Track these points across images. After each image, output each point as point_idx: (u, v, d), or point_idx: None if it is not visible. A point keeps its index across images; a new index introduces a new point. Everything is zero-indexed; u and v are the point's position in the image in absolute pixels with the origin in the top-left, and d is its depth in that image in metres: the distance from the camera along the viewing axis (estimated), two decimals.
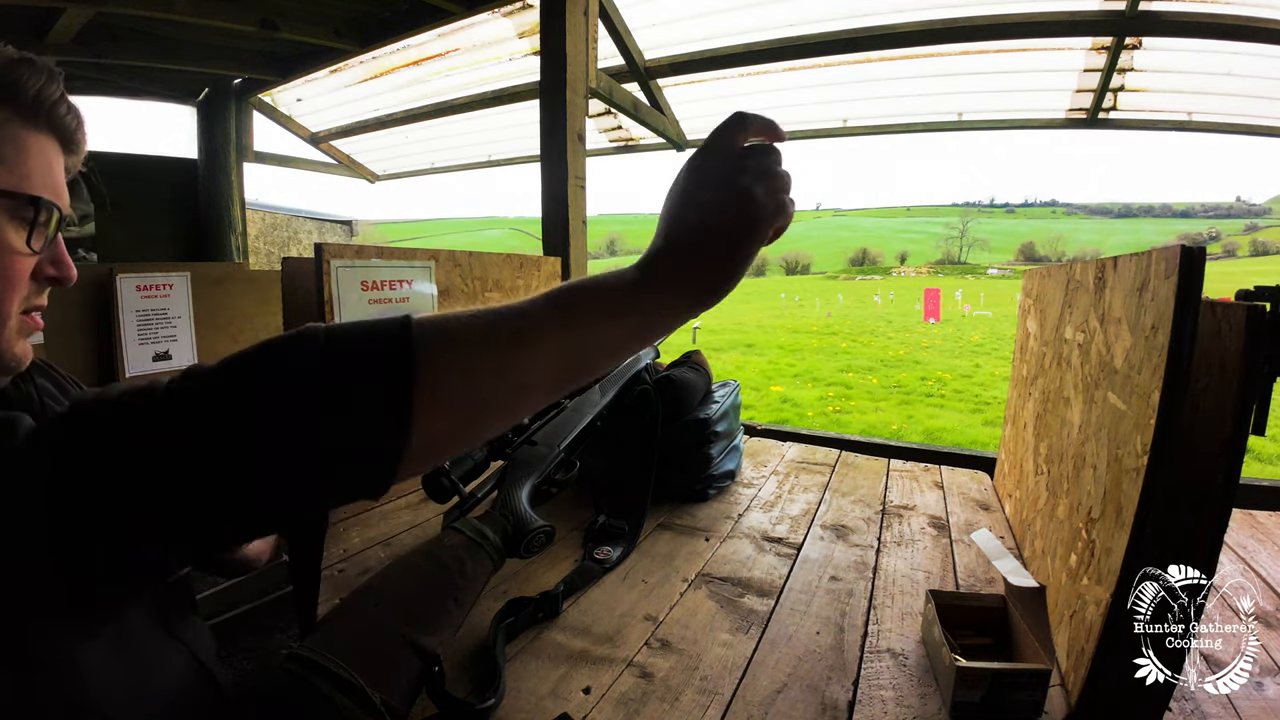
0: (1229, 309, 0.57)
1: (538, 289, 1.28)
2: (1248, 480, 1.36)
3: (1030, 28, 2.17)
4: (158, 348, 2.30)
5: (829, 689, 0.71)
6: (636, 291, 0.40)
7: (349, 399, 0.34)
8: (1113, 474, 0.67)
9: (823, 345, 11.16)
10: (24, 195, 0.48)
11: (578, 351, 0.40)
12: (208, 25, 2.56)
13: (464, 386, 0.36)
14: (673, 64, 2.77)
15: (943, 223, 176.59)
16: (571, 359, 0.40)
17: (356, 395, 0.34)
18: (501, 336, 0.38)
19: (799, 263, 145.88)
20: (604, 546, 1.01)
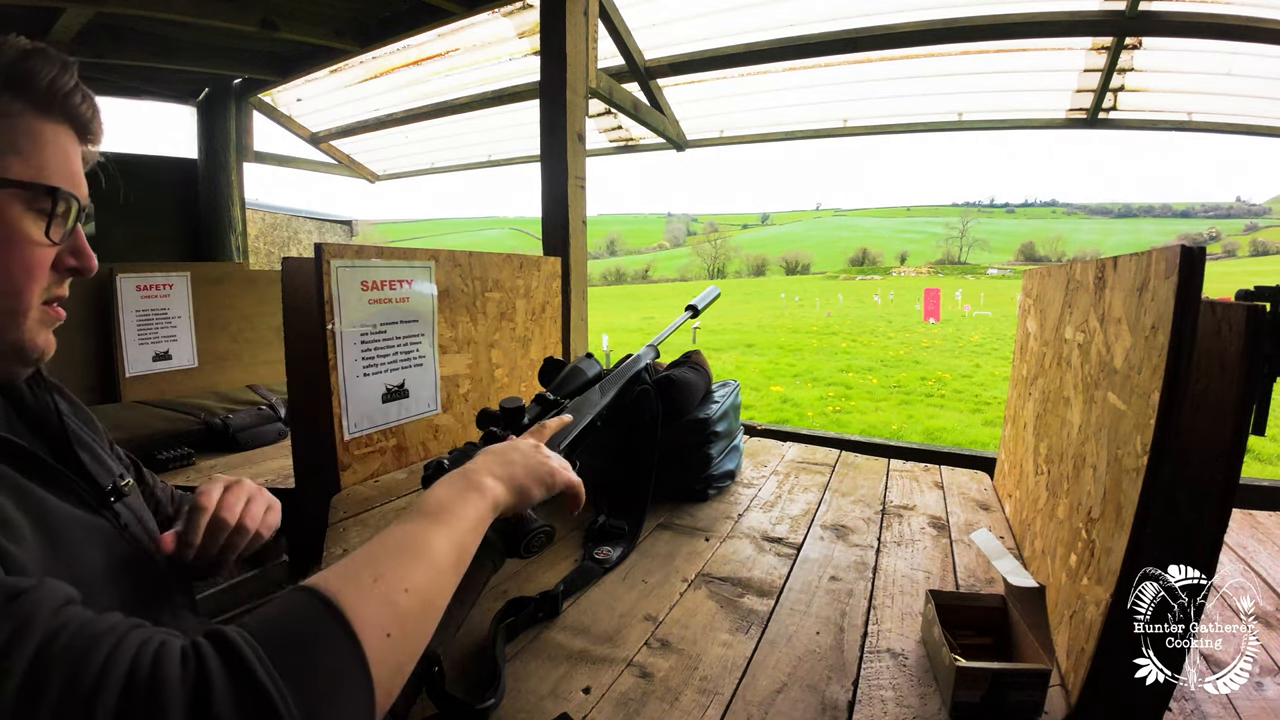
0: (1229, 309, 0.57)
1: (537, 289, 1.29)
2: (1248, 480, 1.36)
3: (1030, 28, 2.17)
4: (158, 348, 2.30)
5: (829, 689, 0.71)
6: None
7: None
8: (1113, 474, 0.67)
9: (823, 345, 11.16)
10: (41, 185, 0.48)
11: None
12: (208, 25, 2.56)
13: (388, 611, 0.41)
14: (673, 64, 2.77)
15: (943, 223, 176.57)
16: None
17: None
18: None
19: (799, 263, 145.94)
20: (604, 546, 1.01)
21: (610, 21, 2.44)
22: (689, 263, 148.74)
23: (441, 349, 1.48)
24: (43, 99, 0.49)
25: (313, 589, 0.39)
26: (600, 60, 2.22)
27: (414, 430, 1.44)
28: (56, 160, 0.50)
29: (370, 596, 0.40)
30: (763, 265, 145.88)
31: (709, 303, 1.44)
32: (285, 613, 0.38)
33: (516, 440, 0.70)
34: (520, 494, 0.63)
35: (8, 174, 0.47)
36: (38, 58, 0.48)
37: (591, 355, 1.15)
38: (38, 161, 0.48)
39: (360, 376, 1.28)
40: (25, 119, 0.48)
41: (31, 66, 0.48)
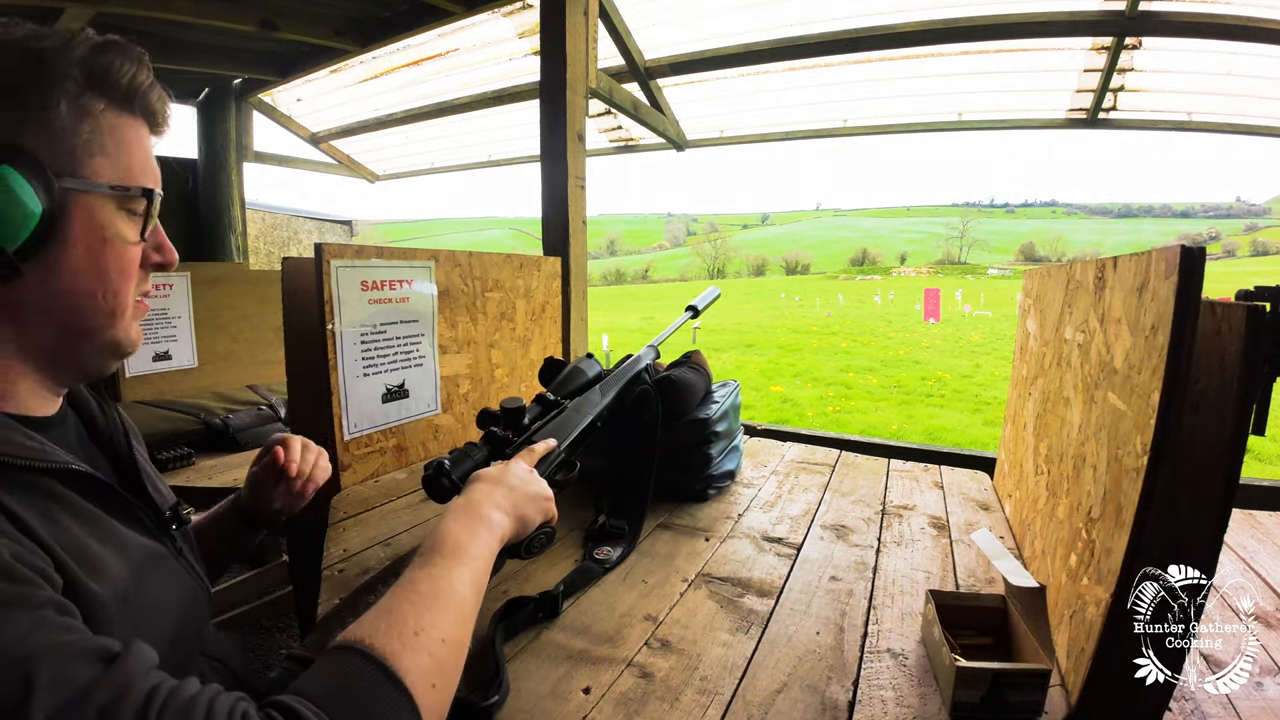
0: (1229, 309, 0.57)
1: (537, 289, 1.29)
2: (1248, 480, 1.36)
3: (1030, 28, 2.17)
4: (158, 348, 2.30)
5: (829, 689, 0.71)
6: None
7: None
8: (1113, 474, 0.67)
9: (823, 345, 11.16)
10: (137, 188, 0.49)
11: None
12: (207, 25, 2.56)
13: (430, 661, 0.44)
14: (673, 64, 2.76)
15: (943, 223, 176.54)
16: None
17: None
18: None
19: (799, 263, 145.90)
20: (604, 546, 1.01)
21: (610, 21, 2.44)
22: (689, 263, 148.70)
23: (441, 349, 1.48)
24: (123, 96, 0.48)
25: (364, 652, 0.41)
26: (600, 60, 2.22)
27: (414, 430, 1.44)
28: (139, 158, 0.50)
29: (415, 651, 0.43)
30: (763, 265, 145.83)
31: (709, 303, 1.44)
32: (345, 681, 0.40)
33: (512, 465, 0.71)
34: (522, 523, 0.66)
35: (99, 176, 0.46)
36: (114, 52, 0.48)
37: (592, 356, 1.15)
38: (124, 161, 0.48)
39: (360, 376, 1.28)
40: (107, 117, 0.47)
41: (110, 62, 0.47)
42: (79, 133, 0.45)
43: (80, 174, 0.45)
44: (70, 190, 0.45)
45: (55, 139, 0.44)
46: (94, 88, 0.46)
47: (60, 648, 0.33)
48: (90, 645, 0.35)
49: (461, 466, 0.76)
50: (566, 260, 2.01)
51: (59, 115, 0.44)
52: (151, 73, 0.50)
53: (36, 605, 0.34)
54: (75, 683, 0.32)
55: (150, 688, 0.34)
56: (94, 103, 0.46)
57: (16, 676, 0.31)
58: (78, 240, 0.45)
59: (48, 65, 0.44)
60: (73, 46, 0.45)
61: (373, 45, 2.91)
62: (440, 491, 0.74)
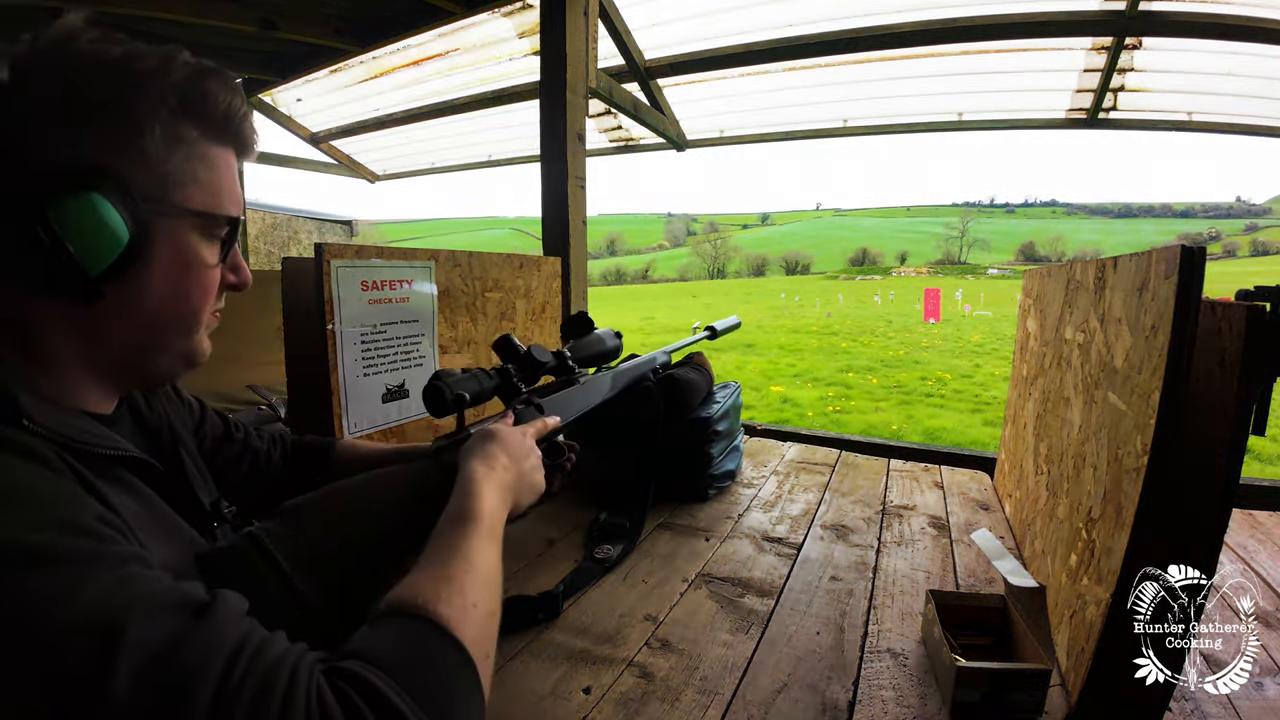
0: (1229, 309, 0.57)
1: (537, 289, 1.28)
2: (1248, 480, 1.36)
3: (1030, 28, 2.17)
4: None
5: (829, 689, 0.71)
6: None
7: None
8: (1113, 474, 0.67)
9: (823, 345, 11.16)
10: (222, 216, 0.49)
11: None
12: (207, 25, 2.56)
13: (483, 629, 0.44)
14: (673, 64, 2.76)
15: (943, 223, 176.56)
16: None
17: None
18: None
19: (799, 263, 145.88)
20: (604, 545, 1.01)
21: (610, 21, 2.44)
22: (689, 262, 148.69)
23: (441, 349, 1.48)
24: (217, 125, 0.48)
25: (431, 619, 0.41)
26: (600, 60, 2.22)
27: (414, 430, 1.44)
28: (228, 184, 0.50)
29: (475, 624, 0.43)
30: (763, 265, 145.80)
31: (728, 328, 1.42)
32: (417, 651, 0.39)
33: (527, 440, 0.70)
34: (516, 508, 0.66)
35: (189, 204, 0.46)
36: (212, 79, 0.47)
37: (620, 336, 1.11)
38: (214, 188, 0.48)
39: (360, 376, 1.28)
40: (200, 146, 0.47)
41: (206, 89, 0.46)
42: (170, 160, 0.45)
43: (168, 201, 0.45)
44: (157, 216, 0.44)
45: (146, 165, 0.43)
46: (188, 115, 0.46)
47: (148, 600, 0.33)
48: (177, 597, 0.34)
49: (467, 388, 0.72)
50: (566, 260, 2.01)
51: (152, 141, 0.43)
52: (245, 100, 0.50)
53: (122, 560, 0.34)
54: (163, 639, 0.32)
55: (237, 644, 0.33)
56: (188, 130, 0.46)
57: (102, 634, 0.31)
58: (160, 264, 0.46)
59: (144, 89, 0.43)
60: (170, 70, 0.44)
61: (372, 45, 2.90)
62: (440, 404, 0.71)
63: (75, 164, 0.41)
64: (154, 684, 0.30)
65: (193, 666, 0.31)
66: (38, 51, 0.41)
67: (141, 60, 0.43)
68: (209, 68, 0.47)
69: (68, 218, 0.40)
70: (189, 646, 0.32)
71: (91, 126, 0.41)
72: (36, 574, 0.31)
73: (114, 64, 0.42)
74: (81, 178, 0.41)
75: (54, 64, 0.41)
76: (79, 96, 0.41)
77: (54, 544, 0.33)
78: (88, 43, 0.42)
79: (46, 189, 0.40)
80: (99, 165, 0.41)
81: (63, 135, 0.41)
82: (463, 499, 0.56)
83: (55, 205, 0.40)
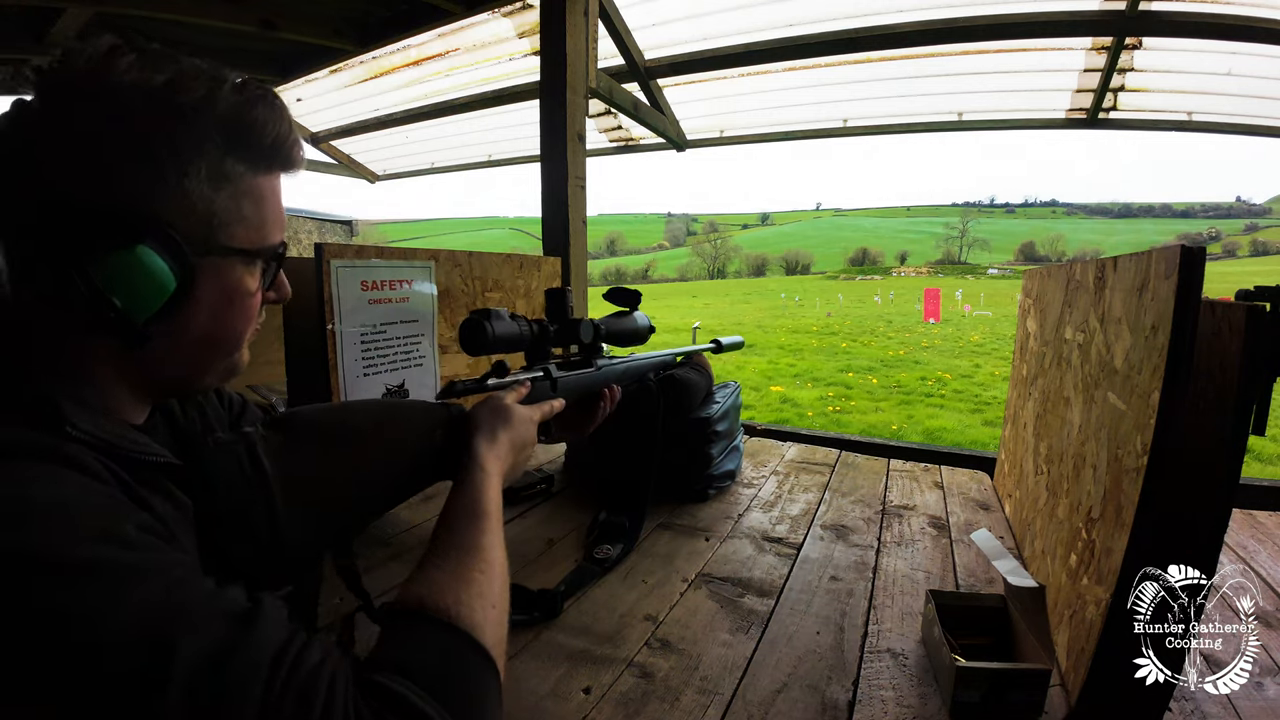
0: (1229, 309, 0.57)
1: (537, 289, 1.27)
2: (1248, 480, 1.36)
3: (1030, 28, 2.17)
4: None
5: (829, 689, 0.71)
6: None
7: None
8: (1113, 474, 0.67)
9: (823, 345, 11.16)
10: (268, 251, 0.48)
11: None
12: (208, 25, 2.56)
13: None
14: (673, 64, 2.76)
15: (943, 223, 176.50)
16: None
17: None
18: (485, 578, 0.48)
19: (799, 263, 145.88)
20: (604, 545, 1.01)
21: (610, 21, 2.44)
22: (689, 262, 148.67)
23: (442, 349, 1.48)
24: (265, 156, 0.46)
25: (455, 627, 0.42)
26: (600, 60, 2.22)
27: None
28: (273, 213, 0.48)
29: (495, 626, 0.44)
30: (763, 265, 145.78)
31: (732, 345, 1.41)
32: (449, 665, 0.40)
33: (531, 429, 0.69)
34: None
35: (235, 243, 0.45)
36: (259, 106, 0.44)
37: (653, 329, 1.10)
38: (259, 222, 0.46)
39: (360, 376, 1.28)
40: (246, 180, 0.44)
41: (253, 122, 0.44)
42: (216, 199, 0.43)
43: (214, 242, 0.43)
44: (202, 258, 0.43)
45: (191, 208, 0.41)
46: (235, 151, 0.43)
47: (196, 610, 0.33)
48: (224, 605, 0.34)
49: (507, 332, 0.72)
50: (566, 260, 2.01)
51: (197, 182, 0.41)
52: (290, 121, 0.47)
53: (168, 569, 0.34)
54: (212, 651, 0.32)
55: (279, 653, 0.34)
56: (234, 166, 0.43)
57: (153, 647, 0.30)
58: (204, 301, 0.44)
59: (189, 126, 0.40)
60: (216, 100, 0.41)
61: (372, 45, 2.90)
62: (479, 343, 0.70)
63: (117, 212, 0.38)
64: (204, 697, 0.30)
65: (241, 679, 0.31)
66: (73, 77, 0.38)
67: (187, 91, 0.40)
68: (255, 93, 0.44)
69: (111, 271, 0.38)
70: (237, 658, 0.32)
71: (134, 167, 0.39)
72: (85, 587, 0.31)
73: (158, 96, 0.39)
74: (126, 229, 0.39)
75: (93, 93, 0.38)
76: (121, 133, 0.38)
77: (102, 557, 0.32)
78: (128, 69, 0.39)
79: (88, 241, 0.38)
80: (142, 213, 0.39)
81: (103, 176, 0.38)
82: (475, 491, 0.56)
83: (98, 260, 0.38)
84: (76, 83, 0.38)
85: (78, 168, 0.38)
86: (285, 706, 0.32)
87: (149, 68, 0.39)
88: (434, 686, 0.37)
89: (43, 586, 0.30)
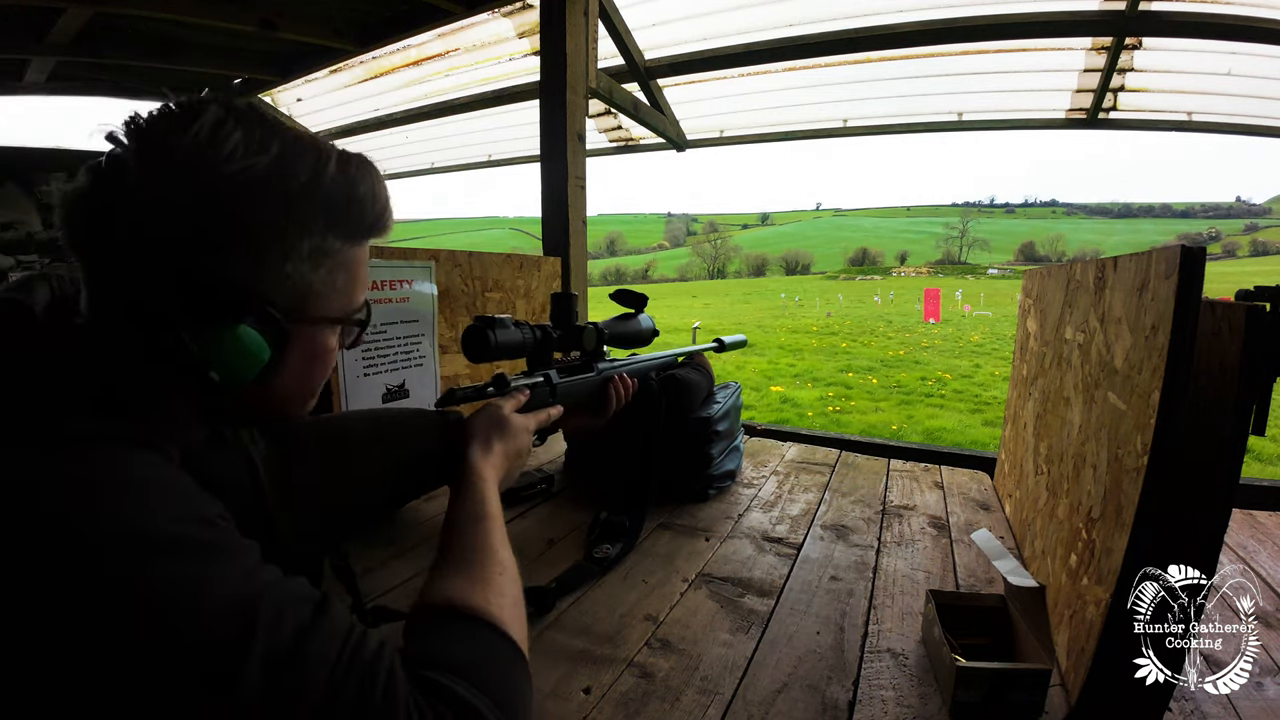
0: (1229, 309, 0.57)
1: (537, 289, 1.27)
2: (1248, 480, 1.36)
3: (1030, 28, 2.17)
4: None
5: (829, 689, 0.71)
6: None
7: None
8: (1113, 474, 0.67)
9: (823, 345, 11.15)
10: (358, 319, 0.49)
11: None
12: (208, 25, 2.56)
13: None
14: (673, 64, 2.76)
15: (943, 223, 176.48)
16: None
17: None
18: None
19: (799, 263, 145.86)
20: (604, 544, 1.01)
21: (610, 21, 2.44)
22: (689, 262, 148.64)
23: (442, 349, 1.48)
24: (363, 231, 0.47)
25: (491, 624, 0.44)
26: (600, 60, 2.22)
27: None
28: (363, 277, 0.49)
29: (519, 621, 0.47)
30: (763, 265, 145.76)
31: (735, 344, 1.42)
32: (492, 657, 0.42)
33: (527, 438, 0.71)
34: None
35: (328, 313, 0.46)
36: (362, 185, 0.45)
37: (657, 332, 1.11)
38: (350, 289, 0.47)
39: (360, 376, 1.28)
40: (343, 254, 0.45)
41: (358, 199, 0.45)
42: (314, 275, 0.44)
43: (307, 313, 0.44)
44: (295, 326, 0.44)
45: (290, 286, 0.42)
46: (335, 230, 0.44)
47: (276, 591, 0.35)
48: (301, 591, 0.37)
49: (510, 341, 0.72)
50: (566, 260, 2.01)
51: (297, 262, 0.42)
52: (387, 190, 0.48)
53: (246, 550, 0.36)
54: (292, 626, 0.34)
55: (345, 637, 0.36)
56: (333, 243, 0.44)
57: (239, 616, 0.32)
58: (292, 363, 0.45)
59: (295, 213, 0.41)
60: (321, 181, 0.42)
61: (372, 45, 2.90)
62: (482, 351, 0.70)
63: (223, 291, 0.39)
64: (283, 672, 0.32)
65: (315, 657, 0.34)
66: (175, 155, 0.38)
67: (292, 175, 0.41)
68: (357, 172, 0.45)
69: (210, 345, 0.39)
70: (313, 638, 0.34)
71: (241, 251, 0.39)
72: (180, 562, 0.33)
73: (263, 182, 0.39)
74: (230, 308, 0.40)
75: (203, 179, 0.38)
76: (229, 222, 0.39)
77: (193, 535, 0.34)
78: (235, 150, 0.38)
79: (190, 316, 0.39)
80: (246, 292, 0.40)
81: (210, 257, 0.39)
82: (477, 497, 0.57)
83: (198, 335, 0.39)
84: (186, 161, 0.38)
85: (177, 245, 0.38)
86: (349, 687, 0.34)
87: (255, 147, 0.39)
88: (480, 681, 0.39)
89: (138, 559, 0.32)
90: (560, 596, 0.88)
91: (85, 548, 0.31)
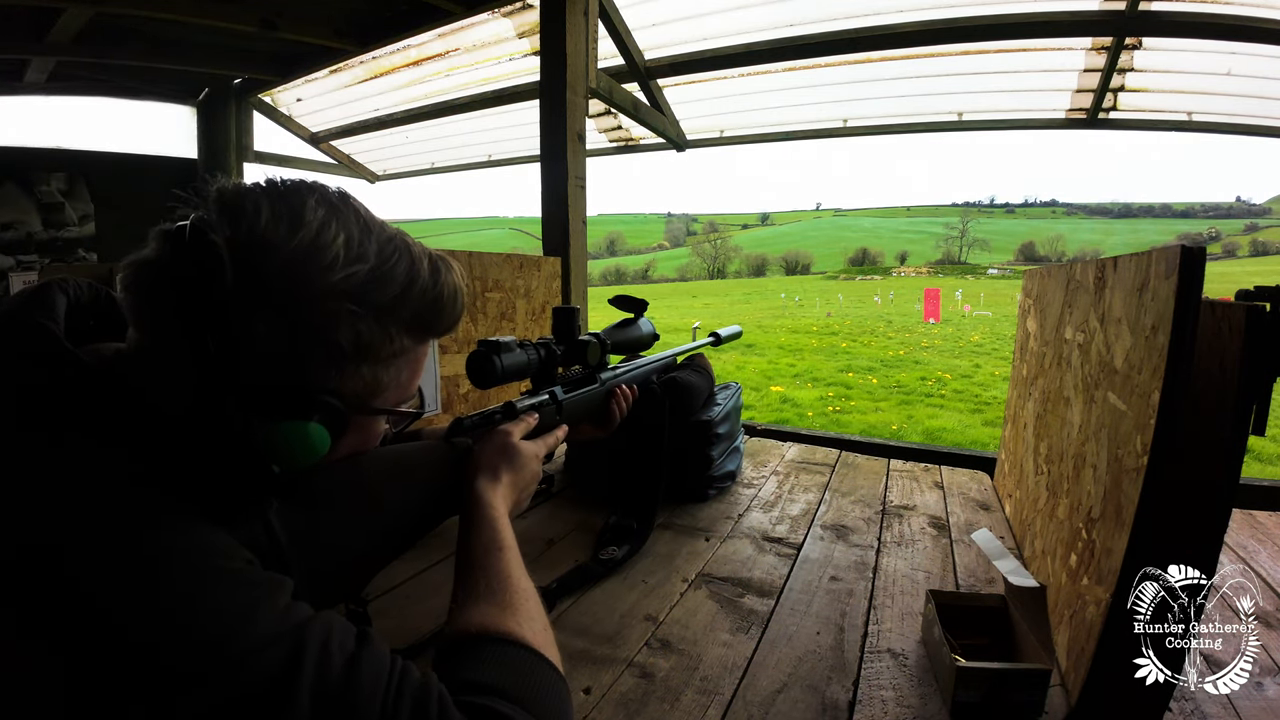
0: (1229, 309, 0.57)
1: (537, 289, 1.27)
2: (1248, 480, 1.36)
3: (1030, 28, 2.17)
4: None
5: (829, 689, 0.71)
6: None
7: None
8: (1113, 474, 0.67)
9: (823, 345, 11.15)
10: (414, 413, 0.50)
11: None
12: (208, 25, 2.56)
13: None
14: (673, 64, 2.77)
15: (943, 223, 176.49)
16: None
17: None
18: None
19: (799, 263, 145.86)
20: (610, 546, 1.01)
21: (610, 21, 2.44)
22: (689, 263, 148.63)
23: (442, 349, 1.48)
24: (434, 335, 0.48)
25: (533, 650, 0.44)
26: (600, 60, 2.22)
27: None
28: (423, 369, 0.50)
29: (552, 644, 0.47)
30: (763, 265, 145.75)
31: (731, 336, 1.41)
32: (539, 682, 0.42)
33: (537, 465, 0.70)
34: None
35: (384, 404, 0.47)
36: (445, 299, 0.46)
37: (657, 336, 1.10)
38: (409, 382, 0.48)
39: None
40: (411, 353, 0.47)
41: (439, 311, 0.46)
42: (385, 374, 0.45)
43: (368, 405, 0.45)
44: (355, 414, 0.44)
45: (360, 383, 0.43)
46: (412, 334, 0.45)
47: (323, 622, 0.35)
48: (344, 623, 0.37)
49: (515, 363, 0.72)
50: (566, 260, 2.01)
51: (374, 364, 0.43)
52: (463, 285, 0.49)
53: (285, 587, 0.36)
54: (340, 660, 0.34)
55: (392, 666, 0.36)
56: (404, 343, 0.45)
57: (286, 647, 0.32)
58: (346, 445, 0.46)
59: (380, 326, 0.42)
60: (410, 298, 0.43)
61: (373, 45, 2.91)
62: (487, 375, 0.70)
63: (298, 390, 0.40)
64: (332, 702, 0.32)
65: (365, 687, 0.34)
66: (277, 258, 0.37)
67: (389, 284, 0.41)
68: (445, 288, 0.46)
69: (277, 434, 0.39)
70: (361, 668, 0.34)
71: (323, 357, 0.40)
72: (231, 593, 0.33)
73: (360, 294, 0.40)
74: (303, 406, 0.40)
75: (296, 291, 0.38)
76: (317, 335, 0.39)
77: (242, 570, 0.35)
78: (335, 259, 0.38)
79: (261, 412, 0.38)
80: (321, 392, 0.40)
81: (292, 360, 0.39)
82: (491, 527, 0.57)
83: (267, 421, 0.39)
84: (289, 269, 0.38)
85: (269, 347, 0.38)
86: (402, 711, 0.34)
87: (355, 254, 0.40)
88: (522, 701, 0.39)
89: (198, 581, 0.33)
90: (560, 597, 0.88)
91: (144, 574, 0.32)
